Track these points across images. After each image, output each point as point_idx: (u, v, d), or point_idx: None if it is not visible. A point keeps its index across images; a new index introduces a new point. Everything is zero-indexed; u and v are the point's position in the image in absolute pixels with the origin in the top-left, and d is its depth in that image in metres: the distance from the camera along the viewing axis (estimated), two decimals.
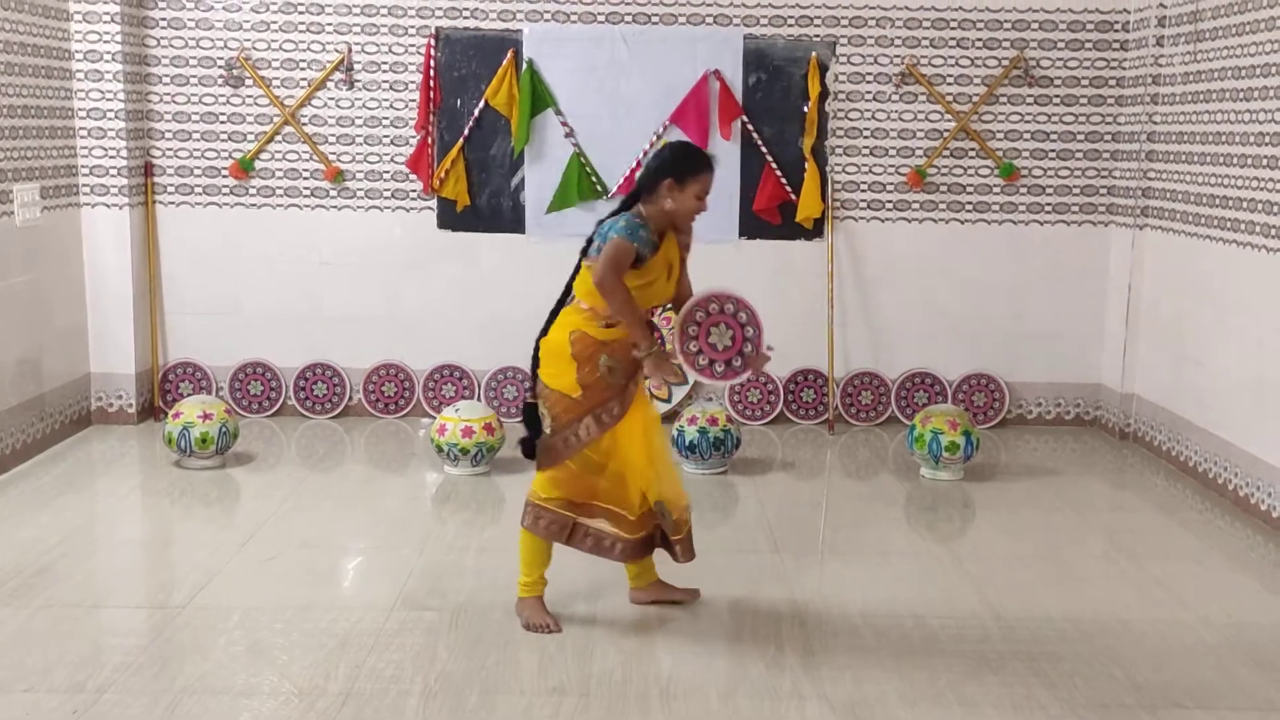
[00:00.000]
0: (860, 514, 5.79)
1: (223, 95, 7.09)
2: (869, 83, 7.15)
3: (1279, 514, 5.50)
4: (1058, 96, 7.17)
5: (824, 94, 7.11)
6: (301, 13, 7.04)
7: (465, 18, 7.06)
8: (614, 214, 4.23)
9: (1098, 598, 4.76)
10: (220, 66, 7.06)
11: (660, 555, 4.51)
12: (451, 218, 7.20)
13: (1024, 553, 5.26)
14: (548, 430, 4.26)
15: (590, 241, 4.21)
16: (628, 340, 4.19)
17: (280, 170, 7.17)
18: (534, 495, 4.34)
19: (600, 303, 4.14)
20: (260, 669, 4.02)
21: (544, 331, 4.31)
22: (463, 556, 5.08)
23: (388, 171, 7.18)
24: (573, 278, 4.29)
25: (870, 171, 7.21)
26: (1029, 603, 4.65)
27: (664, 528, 4.38)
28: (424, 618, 4.40)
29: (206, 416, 6.13)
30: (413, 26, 7.06)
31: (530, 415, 4.32)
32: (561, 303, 4.32)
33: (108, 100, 6.81)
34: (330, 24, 7.06)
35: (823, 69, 7.09)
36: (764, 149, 7.11)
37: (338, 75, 7.09)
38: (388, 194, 7.19)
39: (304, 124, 7.13)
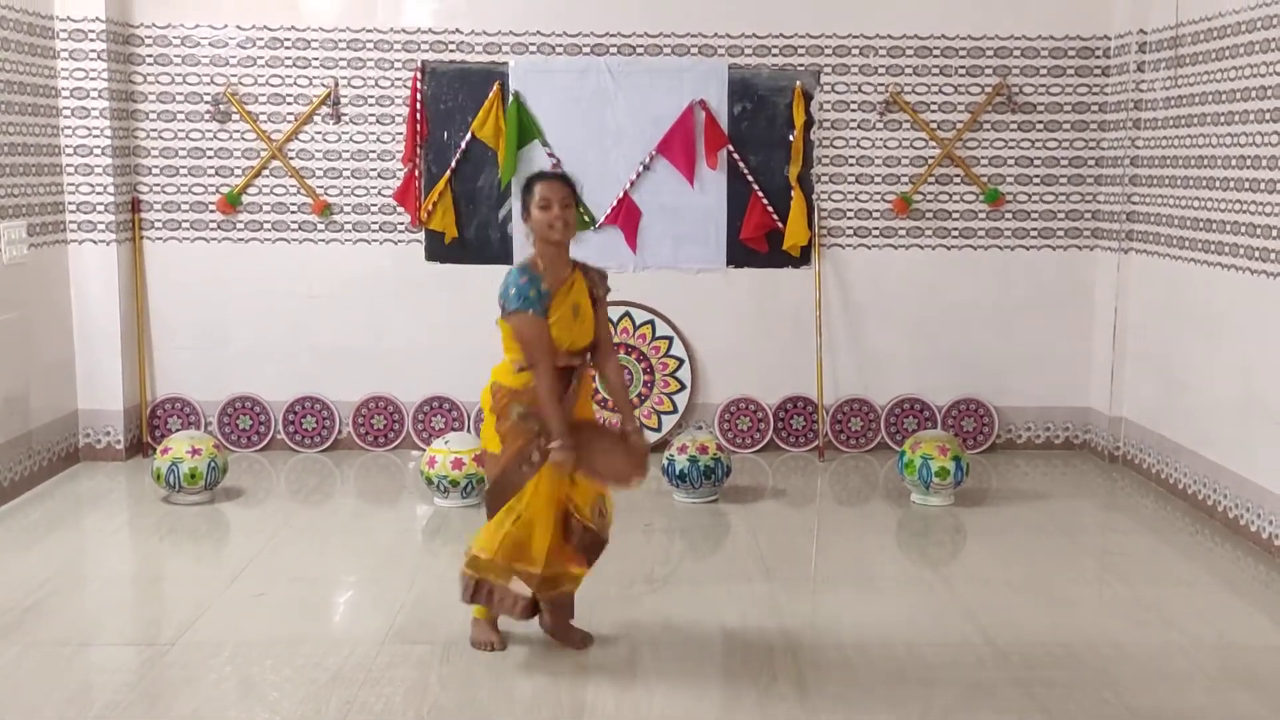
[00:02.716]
0: (852, 541, 5.79)
1: (209, 130, 7.11)
2: (853, 111, 7.19)
3: (1269, 535, 5.51)
4: (1041, 122, 7.22)
5: (809, 122, 7.15)
6: (288, 48, 7.07)
7: (451, 51, 7.10)
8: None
9: (1089, 621, 4.76)
10: (207, 102, 7.07)
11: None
12: (439, 250, 7.21)
13: (1016, 577, 5.25)
14: (487, 485, 4.37)
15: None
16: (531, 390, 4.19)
17: (268, 204, 7.18)
18: (478, 564, 4.32)
19: (514, 353, 4.22)
20: (251, 705, 3.99)
21: None
22: (453, 589, 5.04)
23: (375, 204, 7.19)
24: None
25: (856, 199, 7.25)
26: (1021, 628, 4.64)
27: (601, 527, 4.37)
28: (415, 651, 4.38)
29: (195, 452, 6.11)
30: (399, 60, 7.09)
31: None
32: None
33: (94, 136, 6.82)
34: (316, 59, 7.09)
35: (807, 97, 7.13)
36: (750, 178, 7.14)
37: (324, 109, 7.12)
38: (375, 227, 7.21)
39: (291, 158, 7.15)
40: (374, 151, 7.16)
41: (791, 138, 7.14)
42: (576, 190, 4.29)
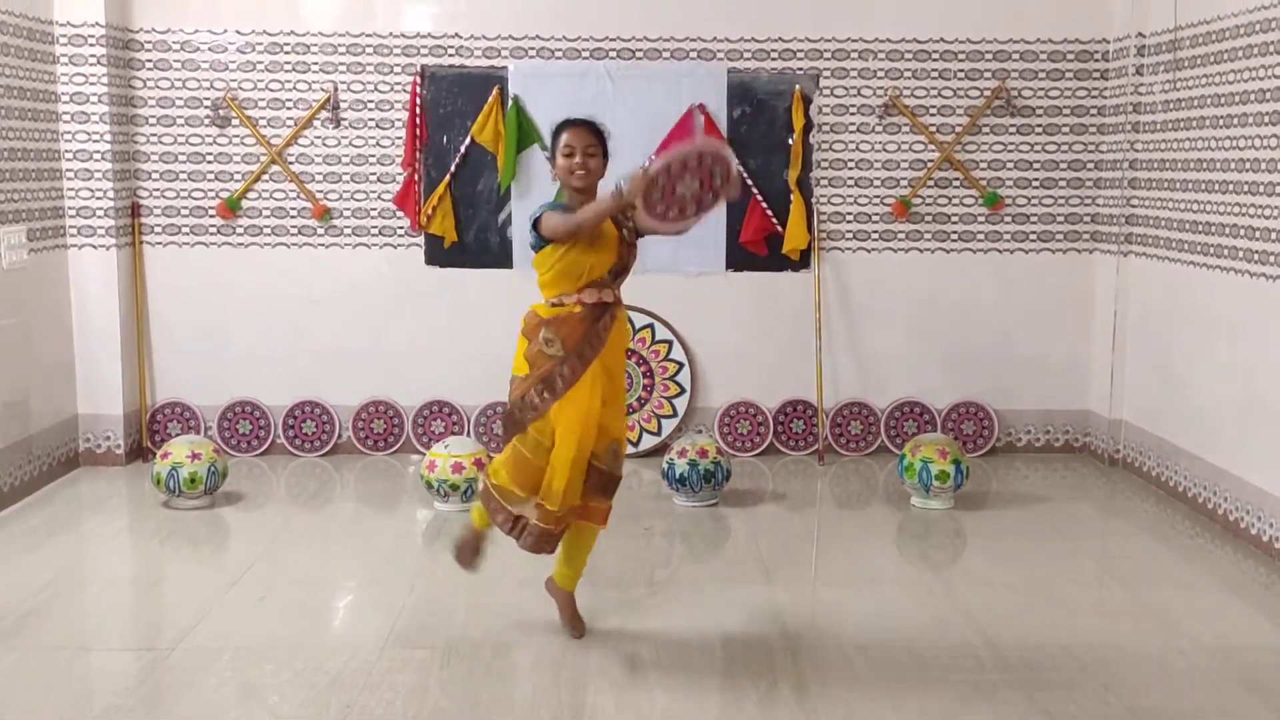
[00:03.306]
0: (852, 544, 5.79)
1: (209, 135, 7.11)
2: (853, 114, 7.20)
3: (1269, 538, 5.51)
4: (1040, 125, 7.23)
5: (808, 126, 7.16)
6: (287, 53, 7.08)
7: (450, 55, 7.11)
8: None
9: (1090, 624, 4.76)
10: (206, 107, 7.08)
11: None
12: (439, 254, 7.21)
13: (1016, 580, 5.25)
14: (509, 407, 4.46)
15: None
16: (568, 317, 4.33)
17: (267, 209, 7.18)
18: (489, 474, 4.49)
19: (550, 289, 4.39)
20: (251, 709, 3.99)
21: None
22: (454, 593, 5.06)
23: (375, 209, 7.20)
24: None
25: (855, 202, 7.25)
26: (1022, 630, 4.64)
27: (615, 467, 4.46)
28: (415, 655, 4.38)
29: (195, 456, 6.11)
30: (398, 65, 7.10)
31: None
32: None
33: (94, 142, 6.82)
34: (316, 63, 7.09)
35: (806, 101, 7.14)
36: (750, 181, 7.14)
37: (324, 114, 7.12)
38: (375, 231, 7.21)
39: (291, 163, 7.15)
40: (373, 156, 7.16)
41: (791, 141, 7.14)
42: (604, 136, 4.38)
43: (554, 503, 4.32)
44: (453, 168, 7.12)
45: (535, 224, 4.33)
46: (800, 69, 7.15)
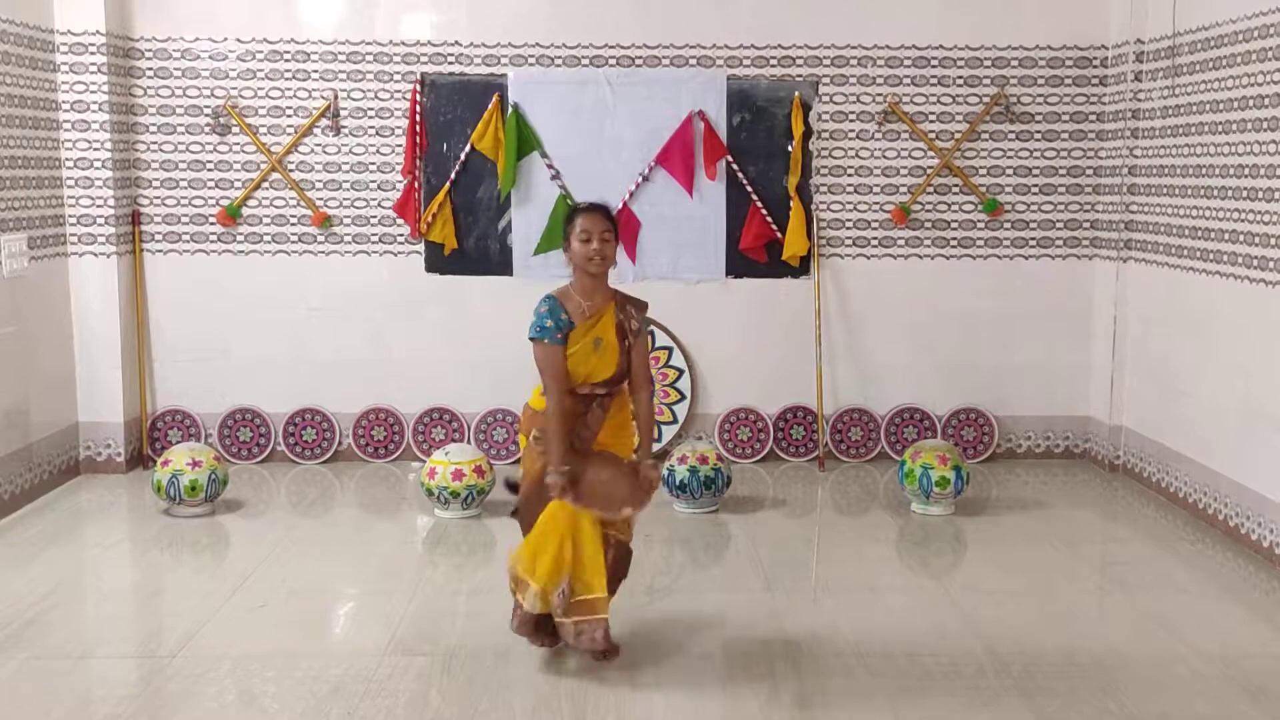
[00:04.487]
0: (852, 551, 5.78)
1: (209, 143, 7.12)
2: (852, 121, 7.20)
3: (1269, 543, 5.51)
4: (1039, 132, 7.24)
5: (808, 133, 7.17)
6: (287, 60, 7.09)
7: (450, 63, 7.12)
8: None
9: (1091, 630, 4.76)
10: (207, 115, 7.09)
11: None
12: (439, 261, 7.22)
13: (1016, 586, 5.25)
14: (521, 489, 4.46)
15: None
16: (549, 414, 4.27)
17: (267, 217, 7.19)
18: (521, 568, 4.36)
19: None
20: (251, 717, 3.99)
21: None
22: (454, 600, 5.06)
23: (375, 216, 7.20)
24: None
25: (855, 209, 7.26)
26: (1022, 637, 4.64)
27: (627, 535, 4.49)
28: (416, 663, 4.38)
29: (195, 464, 6.11)
30: (398, 73, 7.11)
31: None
32: None
33: (95, 150, 6.83)
34: (316, 71, 7.10)
35: (806, 108, 7.15)
36: (749, 188, 7.15)
37: (324, 122, 7.13)
38: (375, 238, 7.22)
39: (291, 170, 7.16)
40: (373, 163, 7.17)
41: (790, 148, 7.15)
42: (615, 222, 4.36)
43: (536, 578, 4.25)
44: (453, 175, 7.13)
45: (530, 335, 4.26)
46: (800, 76, 7.16)
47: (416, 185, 7.13)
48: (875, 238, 7.27)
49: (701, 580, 5.48)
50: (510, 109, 7.07)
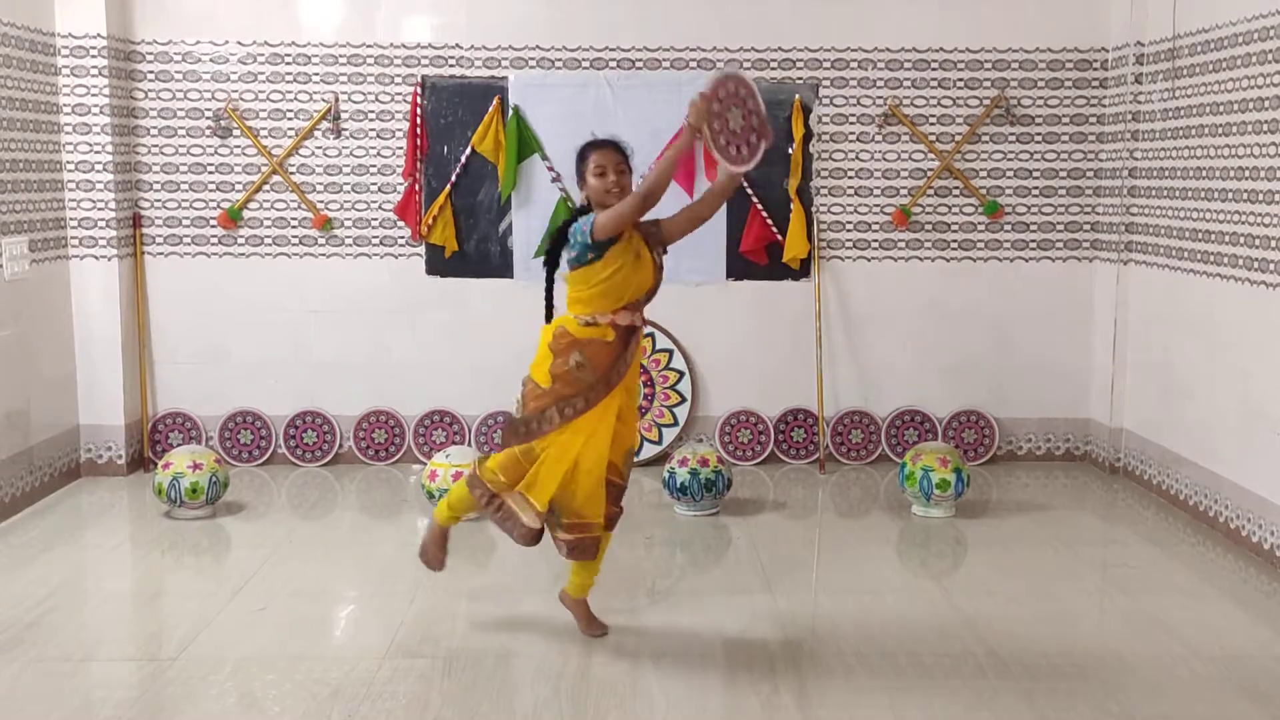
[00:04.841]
0: (853, 553, 5.78)
1: (210, 146, 7.13)
2: (852, 124, 7.21)
3: (1270, 546, 5.51)
4: (1039, 134, 7.24)
5: (808, 135, 7.17)
6: (288, 63, 7.10)
7: (451, 66, 7.12)
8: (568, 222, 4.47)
9: (1091, 632, 4.76)
10: (208, 117, 7.10)
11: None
12: (440, 263, 7.22)
13: (1017, 589, 5.25)
14: (515, 413, 4.52)
15: (555, 254, 4.51)
16: (601, 342, 4.38)
17: (268, 219, 7.19)
18: (483, 470, 4.53)
19: (585, 306, 4.40)
20: (253, 719, 4.00)
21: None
22: (454, 603, 5.06)
23: (376, 219, 7.21)
24: (548, 296, 4.53)
25: (855, 211, 7.26)
26: (1023, 638, 4.64)
27: (547, 525, 4.54)
28: (416, 665, 4.38)
29: (196, 466, 6.11)
30: (399, 75, 7.12)
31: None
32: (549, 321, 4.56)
33: (96, 153, 6.84)
34: (317, 74, 7.11)
35: (806, 111, 7.15)
36: (749, 191, 7.15)
37: (325, 124, 7.14)
38: (376, 241, 7.22)
39: (292, 173, 7.17)
40: (374, 166, 7.18)
41: (790, 150, 7.15)
42: (628, 155, 4.50)
43: (542, 501, 4.41)
44: (453, 178, 7.13)
45: (584, 234, 4.32)
46: (800, 78, 7.17)
47: (417, 188, 7.13)
48: (875, 240, 7.28)
49: (702, 582, 5.48)
50: (511, 112, 7.08)
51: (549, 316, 4.52)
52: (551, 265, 4.53)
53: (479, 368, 7.20)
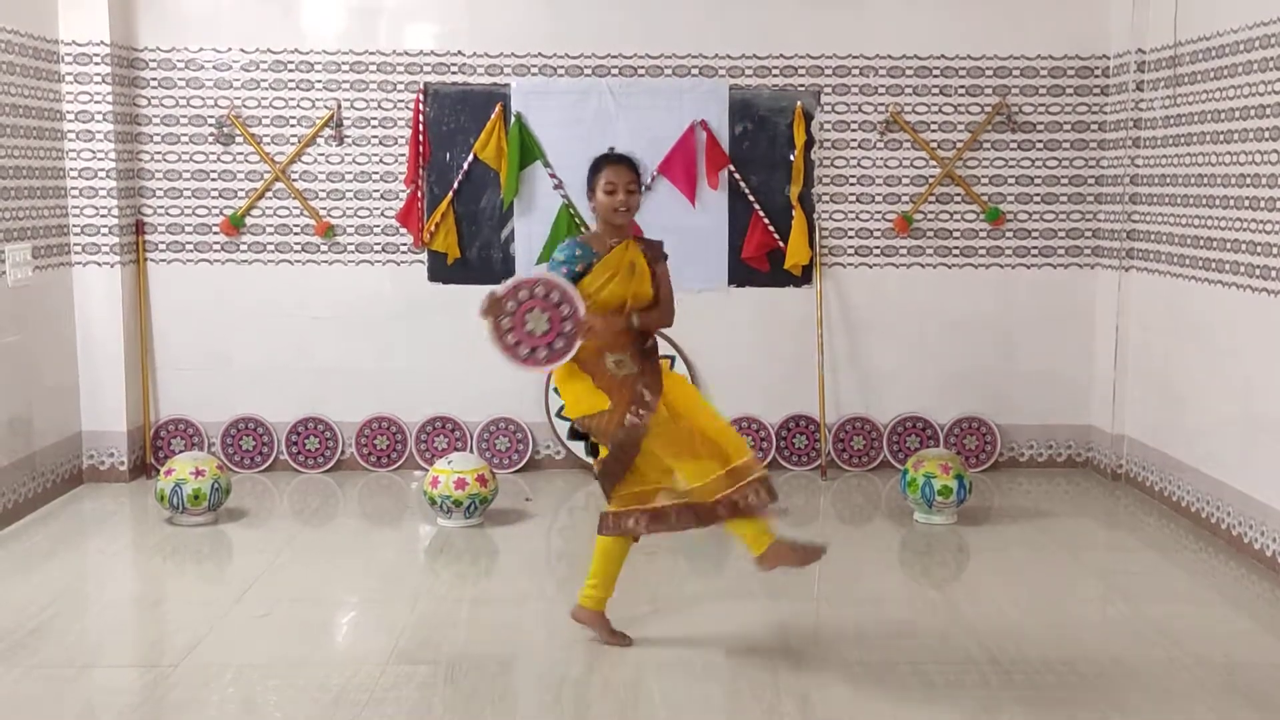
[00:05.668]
0: (854, 560, 5.78)
1: (213, 153, 7.14)
2: (854, 130, 7.22)
3: (1272, 553, 5.51)
4: (1041, 141, 7.25)
5: (809, 142, 7.18)
6: (291, 70, 7.11)
7: (453, 73, 7.13)
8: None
9: (1094, 640, 4.76)
10: (211, 124, 7.11)
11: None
12: (442, 270, 7.23)
13: (1019, 596, 5.25)
14: (605, 452, 4.44)
15: None
16: (619, 333, 4.40)
17: (271, 226, 7.20)
18: (608, 508, 4.50)
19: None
20: None
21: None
22: (457, 609, 5.06)
23: (378, 226, 7.22)
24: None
25: (857, 218, 7.27)
26: (1025, 645, 4.63)
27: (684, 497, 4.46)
28: (418, 672, 4.38)
29: (198, 473, 6.11)
30: (401, 82, 7.13)
31: (590, 447, 4.60)
32: None
33: (99, 159, 6.85)
34: (319, 81, 7.12)
35: (808, 117, 7.16)
36: (751, 197, 7.16)
37: (327, 131, 7.15)
38: (378, 248, 7.23)
39: (294, 180, 7.18)
40: (377, 173, 7.19)
41: (792, 157, 7.16)
42: (640, 173, 4.56)
43: (692, 474, 4.34)
44: (455, 185, 7.14)
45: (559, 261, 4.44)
46: (802, 85, 7.18)
47: (419, 195, 7.14)
48: (877, 247, 7.28)
49: (704, 590, 5.47)
50: (513, 119, 7.09)
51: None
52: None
53: (481, 374, 7.18)
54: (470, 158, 7.12)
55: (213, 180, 7.16)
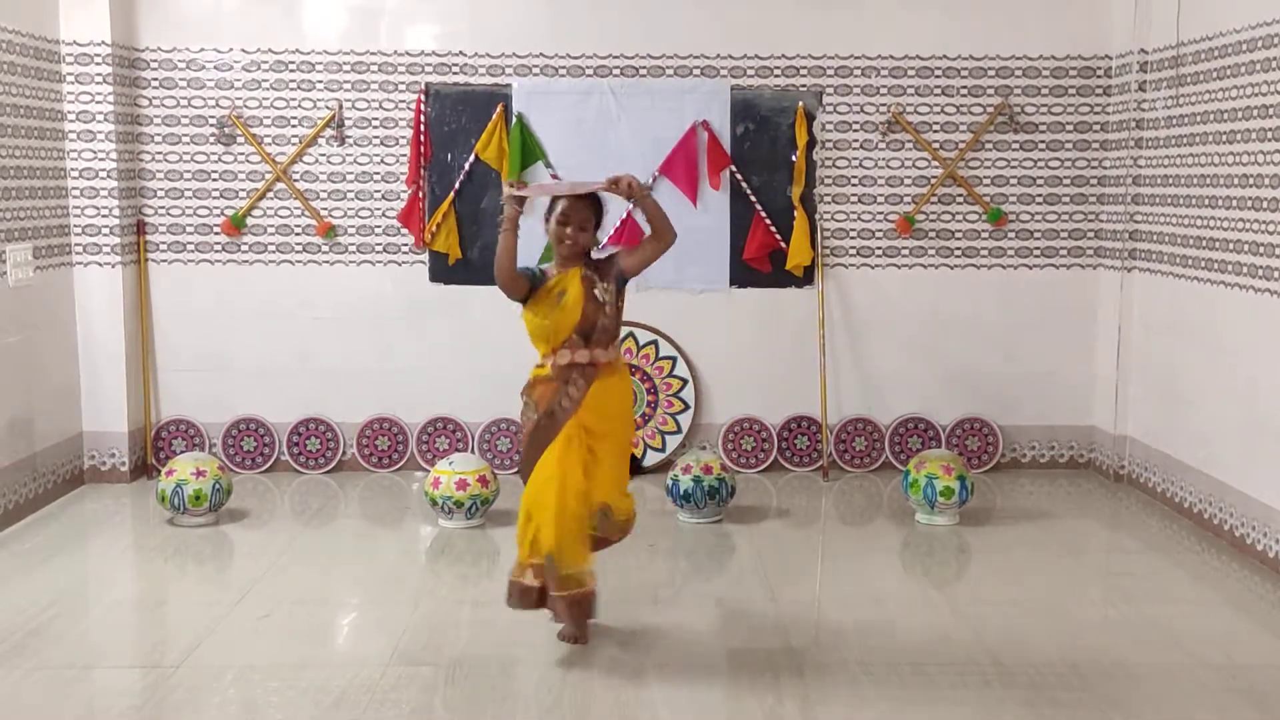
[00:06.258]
0: (856, 561, 5.78)
1: (214, 153, 7.14)
2: (856, 131, 7.21)
3: (1275, 554, 5.50)
4: (1043, 141, 7.24)
5: (811, 143, 7.17)
6: (292, 70, 7.11)
7: (455, 73, 7.13)
8: None
9: (1096, 641, 4.75)
10: (212, 125, 7.11)
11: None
12: (443, 271, 7.22)
13: (1021, 597, 5.24)
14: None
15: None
16: (543, 379, 4.55)
17: (272, 226, 7.20)
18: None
19: (539, 345, 4.59)
20: None
21: None
22: (458, 610, 5.06)
23: (379, 226, 7.21)
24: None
25: (859, 219, 7.26)
26: (1027, 647, 4.63)
27: (604, 530, 4.61)
28: (420, 673, 4.38)
29: (200, 474, 6.11)
30: (403, 83, 7.12)
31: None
32: None
33: (100, 160, 6.85)
34: (321, 81, 7.12)
35: (809, 118, 7.16)
36: (753, 198, 7.16)
37: (329, 132, 7.14)
38: (379, 248, 7.22)
39: (296, 180, 7.17)
40: (378, 173, 7.18)
41: (794, 158, 7.16)
42: (601, 212, 4.65)
43: (524, 554, 4.51)
44: (457, 185, 7.14)
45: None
46: (803, 86, 7.17)
47: (421, 195, 7.14)
48: (879, 247, 7.27)
49: (705, 590, 5.47)
50: (515, 119, 7.09)
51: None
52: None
53: (482, 375, 7.19)
54: (471, 158, 7.11)
55: (214, 180, 7.15)
